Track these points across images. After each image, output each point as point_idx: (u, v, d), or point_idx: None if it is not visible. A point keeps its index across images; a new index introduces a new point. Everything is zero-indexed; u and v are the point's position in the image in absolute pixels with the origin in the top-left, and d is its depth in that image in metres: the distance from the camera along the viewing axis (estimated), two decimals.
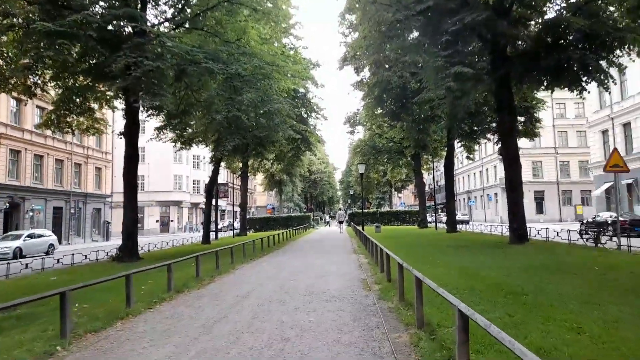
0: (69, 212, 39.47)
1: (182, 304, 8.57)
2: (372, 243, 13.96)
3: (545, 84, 18.02)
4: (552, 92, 19.95)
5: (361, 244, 21.49)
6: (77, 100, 20.79)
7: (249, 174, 73.57)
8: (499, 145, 28.43)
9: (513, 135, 18.29)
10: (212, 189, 28.91)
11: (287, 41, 27.79)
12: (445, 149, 35.53)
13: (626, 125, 33.94)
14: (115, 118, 53.33)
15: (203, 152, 42.39)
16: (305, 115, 29.83)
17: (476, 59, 17.90)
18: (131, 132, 19.17)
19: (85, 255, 18.61)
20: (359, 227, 30.50)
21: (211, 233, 35.95)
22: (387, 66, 26.62)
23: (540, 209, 58.04)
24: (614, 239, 14.98)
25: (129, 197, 18.80)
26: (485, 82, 16.34)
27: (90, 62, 18.78)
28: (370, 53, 20.82)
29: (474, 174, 70.51)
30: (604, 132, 37.29)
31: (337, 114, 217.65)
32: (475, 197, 70.01)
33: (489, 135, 27.96)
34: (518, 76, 17.75)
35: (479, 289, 8.12)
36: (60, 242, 38.42)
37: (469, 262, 12.08)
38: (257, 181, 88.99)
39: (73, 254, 18.95)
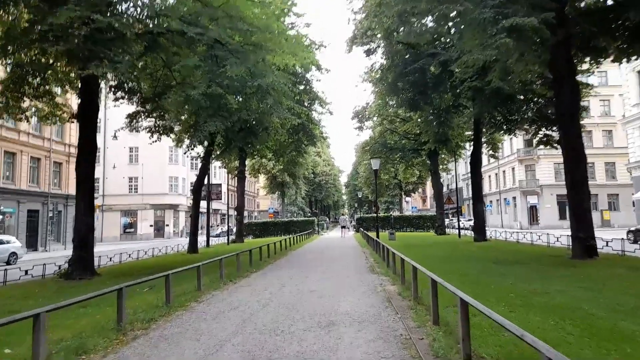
0: (46, 215, 35.54)
1: None
2: (399, 260, 9.80)
3: (615, 51, 13.88)
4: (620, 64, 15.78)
5: (377, 256, 17.33)
6: (33, 81, 16.97)
7: (249, 176, 69.87)
8: (533, 139, 24.50)
9: (576, 120, 14.16)
10: (200, 189, 24.87)
11: (288, 20, 23.76)
12: (466, 144, 31.53)
13: None
14: (106, 113, 49.85)
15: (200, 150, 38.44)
16: (307, 104, 25.71)
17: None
18: (86, 116, 15.24)
19: (26, 271, 14.56)
20: (371, 234, 26.27)
21: (204, 239, 31.92)
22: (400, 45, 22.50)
23: (563, 214, 53.65)
24: None
25: (83, 195, 14.80)
26: (547, 43, 12.19)
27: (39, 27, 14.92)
28: (391, 12, 16.62)
29: (489, 176, 66.06)
30: None
31: (342, 115, 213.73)
32: (491, 201, 65.62)
33: (523, 126, 23.77)
34: (582, 41, 13.63)
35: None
36: (36, 249, 34.69)
37: (553, 294, 7.86)
38: (259, 184, 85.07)
39: (44, 264, 15.26)
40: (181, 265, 10.33)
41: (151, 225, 58.38)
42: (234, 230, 39.31)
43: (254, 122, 17.24)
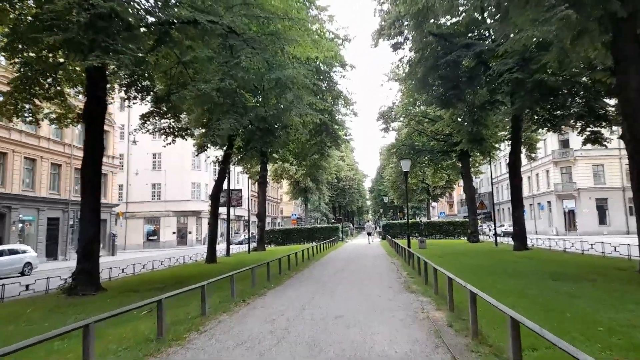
0: (67, 223, 34.92)
1: None
2: (444, 278, 8.04)
3: None
4: None
5: (410, 269, 15.53)
6: (44, 81, 16.02)
7: (272, 181, 68.62)
8: (581, 136, 22.09)
9: None
10: (218, 195, 23.51)
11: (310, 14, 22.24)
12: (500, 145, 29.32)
13: None
14: (130, 119, 49.49)
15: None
16: (330, 102, 24.03)
17: None
18: (92, 115, 14.04)
19: (27, 286, 13.37)
20: (400, 242, 24.41)
21: (224, 247, 30.70)
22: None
23: (602, 220, 50.40)
24: None
25: (87, 199, 13.56)
26: (614, 17, 10.24)
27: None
28: None
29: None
30: None
31: (367, 117, 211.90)
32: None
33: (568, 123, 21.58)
34: None
35: None
36: (56, 258, 34.10)
37: None
38: (283, 190, 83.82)
39: (48, 278, 14.15)
40: (195, 279, 8.99)
41: (174, 233, 57.76)
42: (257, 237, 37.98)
43: (272, 121, 15.71)
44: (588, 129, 21.31)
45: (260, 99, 14.57)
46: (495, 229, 29.08)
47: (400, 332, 6.54)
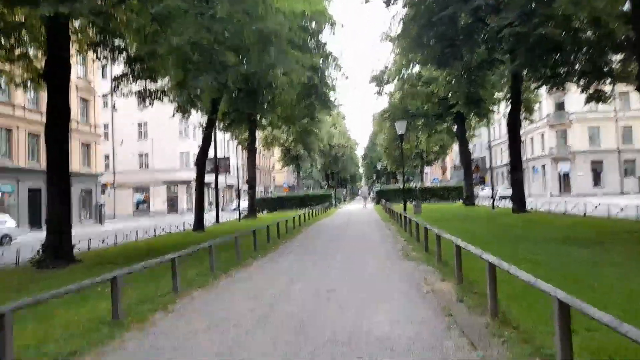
0: None
1: None
2: (448, 244, 7.10)
3: None
4: None
5: (406, 234, 14.68)
6: (6, 43, 14.58)
7: (262, 149, 67.12)
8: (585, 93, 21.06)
9: None
10: (204, 162, 22.32)
11: None
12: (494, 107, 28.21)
13: None
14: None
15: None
16: (319, 62, 22.44)
17: None
18: (55, 75, 12.73)
19: None
20: (394, 207, 23.61)
21: (206, 216, 29.81)
22: None
23: (597, 181, 50.05)
24: None
25: (53, 166, 12.42)
26: None
27: None
28: None
29: None
30: None
31: (358, 82, 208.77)
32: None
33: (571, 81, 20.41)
34: None
35: None
36: (40, 228, 32.98)
37: None
38: (275, 158, 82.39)
39: (18, 250, 13.17)
40: (177, 248, 8.08)
41: (164, 202, 56.74)
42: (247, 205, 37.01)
43: (255, 81, 14.35)
44: (591, 88, 20.27)
45: (241, 57, 13.22)
46: (493, 192, 28.31)
47: (404, 311, 5.59)
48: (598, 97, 20.44)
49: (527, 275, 3.96)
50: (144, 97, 17.23)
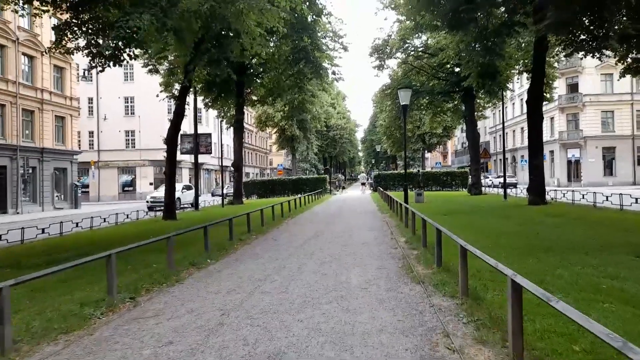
0: (17, 173, 30.68)
1: None
2: (480, 267, 4.14)
3: None
4: None
5: (407, 231, 11.72)
6: None
7: (258, 129, 63.85)
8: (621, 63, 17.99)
9: None
10: (175, 138, 19.25)
11: None
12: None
13: None
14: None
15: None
16: (311, 21, 19.06)
17: None
18: None
19: None
20: (393, 195, 20.67)
21: (212, 198, 26.96)
22: None
23: (609, 170, 47.06)
24: None
25: None
26: None
27: None
28: None
29: (522, 128, 59.00)
30: None
31: (359, 59, 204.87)
32: (523, 156, 58.86)
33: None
34: None
35: None
36: (5, 211, 30.16)
37: None
38: (272, 140, 79.10)
39: None
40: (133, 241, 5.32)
41: (151, 183, 53.68)
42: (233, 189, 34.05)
43: (218, 26, 11.18)
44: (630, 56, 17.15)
45: None
46: (505, 179, 25.36)
47: None
48: (637, 68, 17.39)
49: None
50: (93, 55, 14.09)
